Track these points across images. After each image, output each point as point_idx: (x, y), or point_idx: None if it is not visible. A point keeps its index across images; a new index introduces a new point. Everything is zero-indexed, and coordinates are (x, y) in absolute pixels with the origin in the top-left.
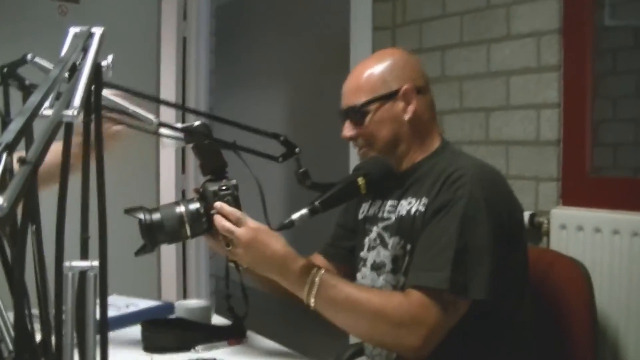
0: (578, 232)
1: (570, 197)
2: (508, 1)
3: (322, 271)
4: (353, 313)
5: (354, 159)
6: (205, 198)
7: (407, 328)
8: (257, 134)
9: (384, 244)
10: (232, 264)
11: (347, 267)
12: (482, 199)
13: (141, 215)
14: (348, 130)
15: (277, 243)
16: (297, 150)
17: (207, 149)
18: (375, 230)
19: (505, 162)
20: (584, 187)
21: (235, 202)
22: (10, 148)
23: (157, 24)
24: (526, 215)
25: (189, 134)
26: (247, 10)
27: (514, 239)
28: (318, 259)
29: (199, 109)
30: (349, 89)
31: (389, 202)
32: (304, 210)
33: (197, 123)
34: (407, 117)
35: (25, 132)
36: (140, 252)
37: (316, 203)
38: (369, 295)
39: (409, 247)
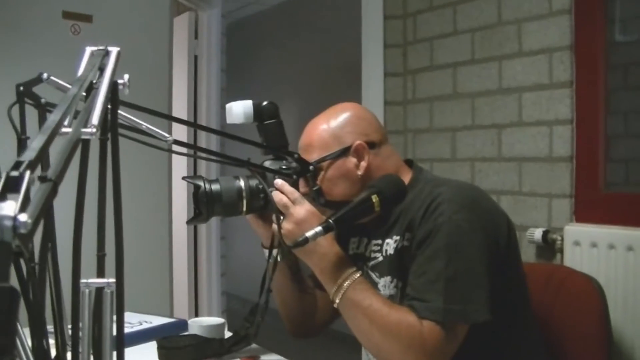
0: (592, 248)
1: (584, 213)
2: (519, 18)
3: (358, 274)
4: (370, 324)
5: None
6: (265, 176)
7: (415, 354)
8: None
9: (373, 284)
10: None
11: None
12: (462, 220)
13: (201, 183)
14: (302, 187)
15: None
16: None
17: (272, 129)
18: (364, 269)
19: (517, 179)
20: (597, 204)
21: (295, 184)
22: (32, 166)
23: (169, 43)
24: (539, 232)
25: (257, 113)
26: (258, 28)
27: (505, 255)
28: (309, 281)
29: (210, 126)
30: (302, 145)
31: (374, 242)
32: (318, 228)
33: (265, 102)
34: (359, 173)
35: (46, 150)
36: (193, 220)
37: (330, 220)
38: (390, 310)
39: (400, 284)
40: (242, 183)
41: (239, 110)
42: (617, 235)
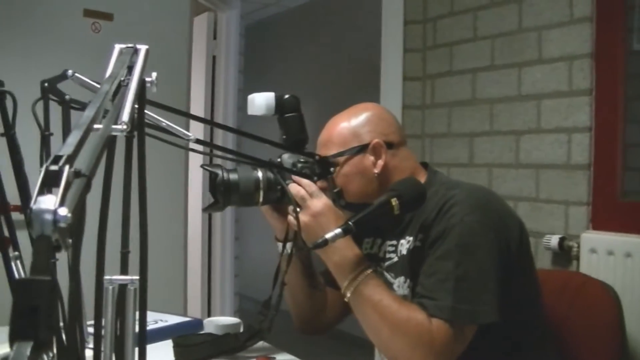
0: (608, 256)
1: (601, 221)
2: (540, 25)
3: (370, 270)
4: (380, 319)
5: None
6: (283, 168)
7: (423, 351)
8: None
9: (388, 284)
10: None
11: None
12: (475, 222)
13: (219, 171)
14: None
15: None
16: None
17: (292, 122)
18: (378, 270)
19: (535, 186)
20: (614, 212)
21: (312, 174)
22: (71, 160)
23: (188, 43)
24: (556, 239)
25: (279, 106)
26: (276, 30)
27: (516, 258)
28: (320, 277)
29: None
30: (321, 141)
31: (388, 242)
32: (338, 230)
33: (287, 95)
34: (376, 171)
35: (82, 145)
36: (209, 208)
37: (350, 222)
38: (400, 306)
39: (412, 285)
40: (260, 174)
41: (261, 101)
42: (634, 243)
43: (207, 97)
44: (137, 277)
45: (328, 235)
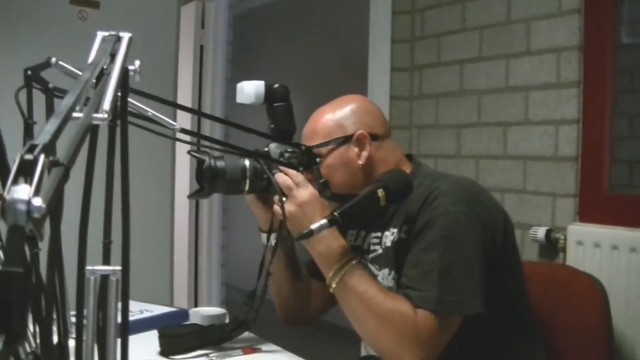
0: (595, 248)
1: (588, 213)
2: (528, 16)
3: (355, 260)
4: (365, 309)
5: None
6: (270, 158)
7: (408, 343)
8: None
9: (373, 276)
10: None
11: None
12: (460, 213)
13: (206, 158)
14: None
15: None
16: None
17: (281, 112)
18: (363, 262)
19: (522, 178)
20: (601, 204)
21: (299, 164)
22: (47, 149)
23: (176, 32)
24: (542, 230)
25: (268, 94)
26: (264, 20)
27: (501, 249)
28: (303, 269)
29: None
30: (306, 132)
31: (373, 234)
32: (324, 221)
33: (276, 85)
34: (360, 162)
35: (59, 134)
36: (194, 195)
37: (335, 213)
38: (385, 297)
39: (397, 277)
40: (247, 162)
41: (251, 89)
42: (621, 236)
43: (194, 86)
44: (120, 268)
45: (314, 226)
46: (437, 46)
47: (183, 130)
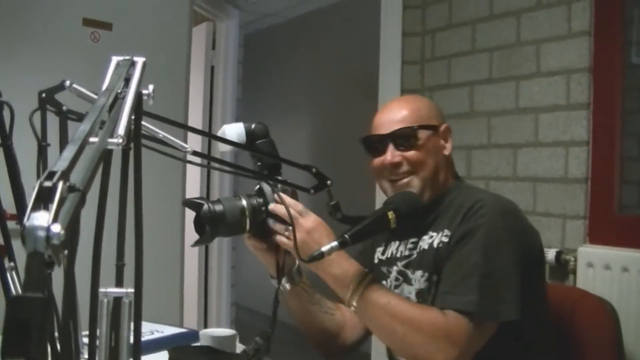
0: (605, 270)
1: (598, 235)
2: (538, 38)
3: (371, 276)
4: (391, 319)
5: (381, 191)
6: (264, 194)
7: (439, 344)
8: (290, 165)
9: (407, 280)
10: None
11: None
12: (502, 228)
13: (205, 206)
14: (394, 155)
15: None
16: (329, 182)
17: (264, 149)
18: (395, 270)
19: (532, 199)
20: (611, 226)
21: (294, 195)
22: (65, 176)
23: (187, 52)
24: (552, 252)
25: (249, 134)
26: (275, 40)
27: (535, 267)
28: (342, 309)
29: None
30: (396, 116)
31: (411, 240)
32: (334, 243)
33: (254, 124)
34: (446, 152)
35: (77, 160)
36: (198, 242)
37: (346, 235)
38: (409, 305)
39: (434, 278)
40: (244, 202)
41: (232, 132)
42: (631, 257)
43: (205, 107)
44: (132, 290)
45: (324, 248)
46: (448, 68)
47: (194, 153)
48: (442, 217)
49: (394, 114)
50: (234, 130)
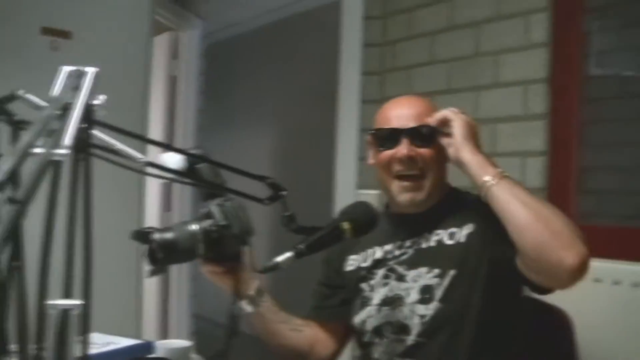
0: None
1: None
2: (496, 49)
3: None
4: (534, 204)
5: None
6: (213, 215)
7: (577, 242)
8: (244, 176)
9: (399, 277)
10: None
11: (340, 323)
12: None
13: (155, 236)
14: (409, 149)
15: None
16: (283, 193)
17: (205, 171)
18: (382, 270)
19: None
20: None
21: (243, 211)
22: (1, 188)
23: (148, 62)
24: None
25: (188, 161)
26: (237, 50)
27: None
28: (312, 325)
29: (187, 148)
30: (416, 110)
31: (408, 240)
32: (289, 253)
33: (193, 150)
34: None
35: (16, 172)
36: (153, 273)
37: (301, 246)
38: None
39: (452, 272)
40: (194, 226)
41: (171, 161)
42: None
43: (166, 117)
44: (81, 302)
45: (279, 259)
46: (407, 78)
47: (149, 163)
48: (449, 216)
49: (411, 110)
50: (172, 158)
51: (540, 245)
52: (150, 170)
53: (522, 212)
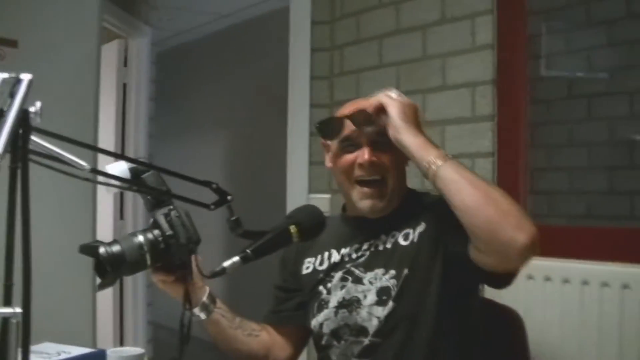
0: None
1: None
2: (443, 52)
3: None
4: (482, 184)
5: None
6: (159, 225)
7: (526, 221)
8: (190, 182)
9: (356, 280)
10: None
11: (297, 326)
12: None
13: (102, 249)
14: (371, 154)
15: None
16: (229, 198)
17: (151, 179)
18: (340, 273)
19: None
20: None
21: (189, 219)
22: None
23: (96, 69)
24: None
25: (132, 170)
26: (187, 57)
27: None
28: (268, 329)
29: (138, 156)
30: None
31: (366, 243)
32: (236, 258)
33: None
34: (407, 167)
35: None
36: (102, 286)
37: (248, 250)
38: None
39: (405, 271)
40: (140, 238)
41: (116, 171)
42: (536, 266)
43: (117, 125)
44: (20, 310)
45: (226, 264)
46: (356, 82)
47: (93, 170)
48: (405, 218)
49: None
50: (117, 168)
51: (492, 226)
52: (95, 177)
53: (471, 192)
